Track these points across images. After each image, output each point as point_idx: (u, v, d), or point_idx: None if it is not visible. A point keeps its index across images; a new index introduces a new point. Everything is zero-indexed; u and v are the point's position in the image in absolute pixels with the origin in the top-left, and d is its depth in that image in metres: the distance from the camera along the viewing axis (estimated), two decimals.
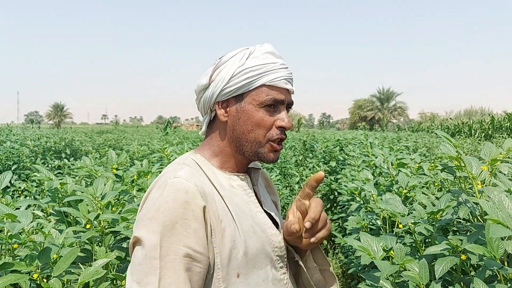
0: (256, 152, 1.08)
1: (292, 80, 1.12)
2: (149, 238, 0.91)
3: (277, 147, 1.09)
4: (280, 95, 1.07)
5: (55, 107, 73.59)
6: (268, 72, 1.06)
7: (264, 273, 1.04)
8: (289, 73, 1.10)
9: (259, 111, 1.06)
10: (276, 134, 1.08)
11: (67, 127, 32.38)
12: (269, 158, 1.09)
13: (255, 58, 1.08)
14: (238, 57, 1.08)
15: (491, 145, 1.62)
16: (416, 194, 2.44)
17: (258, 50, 1.10)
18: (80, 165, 2.72)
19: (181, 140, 10.51)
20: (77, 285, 1.41)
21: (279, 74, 1.07)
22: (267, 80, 1.05)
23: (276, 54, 1.11)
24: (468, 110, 45.63)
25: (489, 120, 23.29)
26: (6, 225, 1.52)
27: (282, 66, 1.08)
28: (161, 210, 0.92)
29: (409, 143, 8.62)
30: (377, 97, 61.35)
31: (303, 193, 1.07)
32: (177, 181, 0.97)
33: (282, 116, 1.08)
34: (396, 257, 1.52)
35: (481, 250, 1.29)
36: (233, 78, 1.06)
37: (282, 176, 6.93)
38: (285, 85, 1.07)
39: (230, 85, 1.06)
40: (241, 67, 1.06)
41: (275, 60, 1.08)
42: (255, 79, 1.05)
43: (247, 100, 1.07)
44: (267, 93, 1.06)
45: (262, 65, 1.06)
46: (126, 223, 1.86)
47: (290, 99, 1.11)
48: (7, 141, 7.26)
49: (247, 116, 1.07)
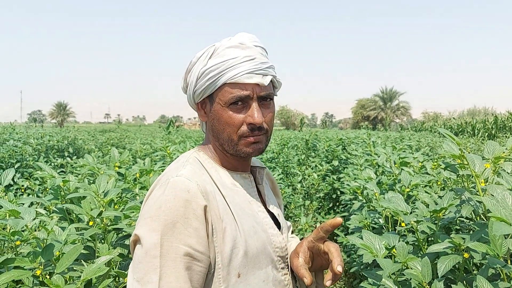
0: (233, 149, 1.07)
1: (265, 70, 1.04)
2: (150, 237, 0.90)
3: (251, 140, 1.05)
4: (243, 91, 1.02)
5: (58, 106, 73.76)
6: (228, 70, 1.02)
7: (264, 274, 1.04)
8: (256, 65, 1.03)
9: (226, 111, 1.03)
10: (247, 131, 1.04)
11: (70, 126, 32.41)
12: (247, 153, 1.06)
13: (216, 56, 1.04)
14: (203, 57, 1.06)
15: (494, 143, 1.61)
16: (418, 192, 2.43)
17: (221, 46, 1.06)
18: (83, 163, 2.72)
19: (184, 139, 10.51)
20: (79, 282, 1.41)
21: (240, 69, 1.01)
22: (227, 78, 1.01)
23: (244, 45, 1.05)
24: (472, 109, 45.53)
25: (493, 120, 23.24)
26: (9, 222, 1.52)
27: (244, 60, 1.02)
28: (162, 208, 0.92)
29: (412, 142, 8.59)
30: (380, 97, 61.21)
31: (316, 236, 1.05)
32: (179, 179, 0.97)
33: (251, 112, 1.03)
34: (399, 255, 1.52)
35: (484, 248, 1.28)
36: (199, 80, 1.05)
37: (284, 175, 6.93)
38: (249, 80, 1.01)
39: (198, 88, 1.06)
40: (203, 68, 1.04)
41: (237, 54, 1.03)
42: (215, 79, 1.02)
43: (216, 100, 1.05)
44: (230, 92, 1.02)
45: (221, 63, 1.02)
46: (129, 221, 1.86)
47: (262, 92, 1.05)
48: (10, 140, 7.28)
49: (217, 116, 1.05)
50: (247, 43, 1.06)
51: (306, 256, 1.07)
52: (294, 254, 1.09)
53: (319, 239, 1.05)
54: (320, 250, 1.06)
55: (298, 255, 1.07)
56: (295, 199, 5.53)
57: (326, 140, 8.32)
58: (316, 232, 1.05)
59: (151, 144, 7.85)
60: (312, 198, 6.20)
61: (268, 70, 1.06)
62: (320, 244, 1.06)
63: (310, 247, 1.07)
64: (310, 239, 1.07)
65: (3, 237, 1.62)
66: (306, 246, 1.08)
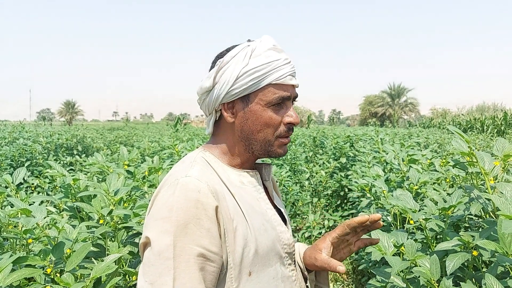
0: (266, 150, 1.08)
1: (295, 73, 1.10)
2: (162, 239, 0.90)
3: (285, 141, 1.09)
4: (286, 92, 1.06)
5: (67, 104, 74.20)
6: (273, 71, 1.04)
7: (274, 270, 1.05)
8: (293, 67, 1.08)
9: (267, 111, 1.05)
10: (285, 131, 1.08)
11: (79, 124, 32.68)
12: (279, 154, 1.10)
13: (258, 57, 1.05)
14: (240, 57, 1.05)
15: (504, 140, 1.60)
16: (427, 190, 2.42)
17: (260, 47, 1.06)
18: (92, 161, 2.75)
19: (191, 136, 10.55)
20: (89, 279, 1.43)
21: (283, 71, 1.05)
22: (273, 79, 1.03)
23: (277, 48, 1.08)
24: (481, 106, 45.11)
25: (502, 116, 23.03)
26: (20, 220, 1.55)
27: (285, 62, 1.06)
28: (174, 210, 0.91)
29: (420, 139, 8.55)
30: (388, 93, 60.80)
31: (342, 233, 1.12)
32: (188, 180, 0.96)
33: (290, 112, 1.07)
34: (407, 253, 1.52)
35: (493, 246, 1.28)
36: (238, 80, 1.04)
37: (292, 173, 6.93)
38: (290, 81, 1.06)
39: (236, 87, 1.04)
40: (245, 68, 1.03)
41: (278, 57, 1.06)
42: (260, 79, 1.03)
43: (254, 100, 1.05)
44: (274, 92, 1.04)
45: (267, 64, 1.03)
46: (138, 219, 1.88)
47: (296, 93, 1.11)
48: (20, 138, 7.36)
49: (255, 116, 1.05)
50: (278, 46, 1.10)
51: (329, 251, 1.12)
52: (316, 251, 1.13)
53: (344, 235, 1.12)
54: (352, 246, 1.17)
55: (321, 251, 1.12)
56: (303, 197, 5.53)
57: (334, 137, 8.30)
58: (342, 229, 1.11)
59: (159, 142, 7.88)
60: (319, 196, 6.20)
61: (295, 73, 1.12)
62: (351, 239, 1.16)
63: (334, 243, 1.13)
64: (335, 235, 1.12)
65: (15, 235, 1.64)
66: (330, 241, 1.13)
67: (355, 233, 1.15)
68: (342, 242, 1.16)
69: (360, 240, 1.17)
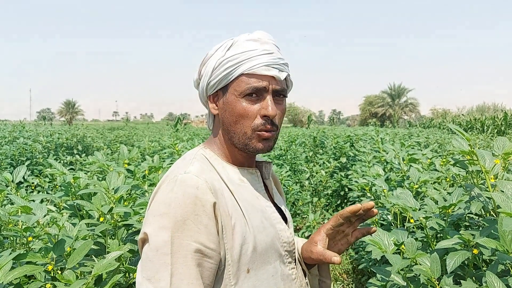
0: (244, 143, 1.05)
1: (282, 66, 1.05)
2: (160, 234, 0.90)
3: (265, 135, 1.04)
4: (260, 82, 1.02)
5: (67, 104, 74.22)
6: (246, 60, 1.01)
7: (273, 268, 1.04)
8: (274, 59, 1.03)
9: (241, 101, 1.02)
10: (261, 124, 1.03)
11: (79, 124, 32.65)
12: (258, 148, 1.05)
13: (235, 48, 1.04)
14: (221, 49, 1.06)
15: (504, 139, 1.60)
16: (427, 189, 2.42)
17: (241, 39, 1.06)
18: (92, 160, 2.75)
19: (191, 136, 10.55)
20: (90, 277, 1.43)
21: (258, 61, 1.01)
22: (245, 69, 1.01)
23: (262, 40, 1.06)
24: (481, 106, 45.14)
25: (502, 116, 23.06)
26: (21, 218, 1.55)
27: (263, 52, 1.03)
28: (172, 206, 0.91)
29: (421, 139, 8.56)
30: (388, 93, 60.83)
31: (336, 223, 1.10)
32: (187, 176, 0.96)
33: (266, 103, 1.02)
34: (408, 251, 1.52)
35: (494, 244, 1.28)
36: (215, 70, 1.04)
37: (292, 172, 6.93)
38: (267, 72, 1.01)
39: (213, 78, 1.05)
40: (221, 59, 1.04)
41: (255, 47, 1.03)
42: (233, 69, 1.02)
43: (230, 91, 1.04)
44: (247, 83, 1.01)
45: (240, 53, 1.02)
46: (139, 217, 1.88)
47: (277, 86, 1.05)
48: (20, 137, 7.36)
49: (231, 107, 1.04)
50: (265, 39, 1.07)
51: (324, 243, 1.11)
52: (312, 244, 1.13)
53: (338, 225, 1.11)
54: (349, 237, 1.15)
55: (316, 243, 1.11)
56: (303, 196, 5.53)
57: (334, 137, 8.30)
58: (336, 220, 1.10)
59: (159, 141, 7.89)
60: (320, 195, 6.20)
61: (284, 67, 1.06)
62: (347, 230, 1.14)
63: (329, 234, 1.12)
64: (328, 227, 1.11)
65: (15, 233, 1.64)
66: (324, 233, 1.12)
67: (350, 223, 1.12)
68: (338, 234, 1.14)
69: (357, 230, 1.14)
